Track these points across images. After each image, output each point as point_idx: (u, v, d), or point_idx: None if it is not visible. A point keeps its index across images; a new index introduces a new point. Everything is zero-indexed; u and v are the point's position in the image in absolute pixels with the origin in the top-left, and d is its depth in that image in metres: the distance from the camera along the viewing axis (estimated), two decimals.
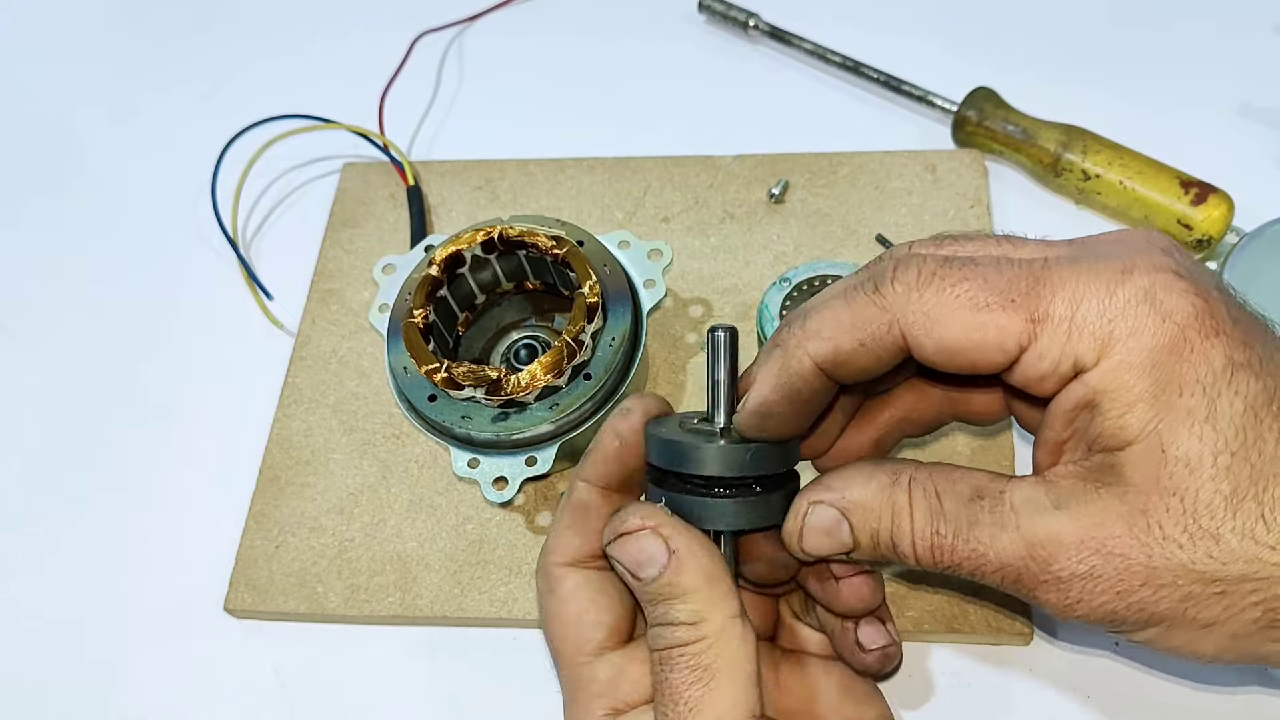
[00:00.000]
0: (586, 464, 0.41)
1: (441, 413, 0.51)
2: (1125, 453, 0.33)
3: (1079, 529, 0.33)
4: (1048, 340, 0.34)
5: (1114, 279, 0.33)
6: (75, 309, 0.69)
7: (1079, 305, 0.33)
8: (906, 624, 0.50)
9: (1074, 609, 0.34)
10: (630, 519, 0.37)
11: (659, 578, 0.36)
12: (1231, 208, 0.59)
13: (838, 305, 0.36)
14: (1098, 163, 0.62)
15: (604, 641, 0.39)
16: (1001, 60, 0.72)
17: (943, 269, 0.35)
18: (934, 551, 0.36)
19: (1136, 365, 0.33)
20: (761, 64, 0.75)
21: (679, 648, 0.36)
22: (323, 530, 0.56)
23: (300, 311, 0.64)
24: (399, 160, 0.68)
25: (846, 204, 0.64)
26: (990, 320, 0.34)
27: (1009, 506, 0.35)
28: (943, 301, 0.34)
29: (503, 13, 0.80)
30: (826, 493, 0.38)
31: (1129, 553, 0.33)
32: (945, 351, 0.35)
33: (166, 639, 0.56)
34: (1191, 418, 0.32)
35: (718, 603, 0.36)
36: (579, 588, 0.40)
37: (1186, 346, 0.33)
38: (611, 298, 0.53)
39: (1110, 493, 0.33)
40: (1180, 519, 0.32)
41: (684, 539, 0.37)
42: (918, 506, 0.36)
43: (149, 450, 0.62)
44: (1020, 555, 0.34)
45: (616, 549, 0.37)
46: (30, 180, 0.76)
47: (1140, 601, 0.33)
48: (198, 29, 0.83)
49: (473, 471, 0.51)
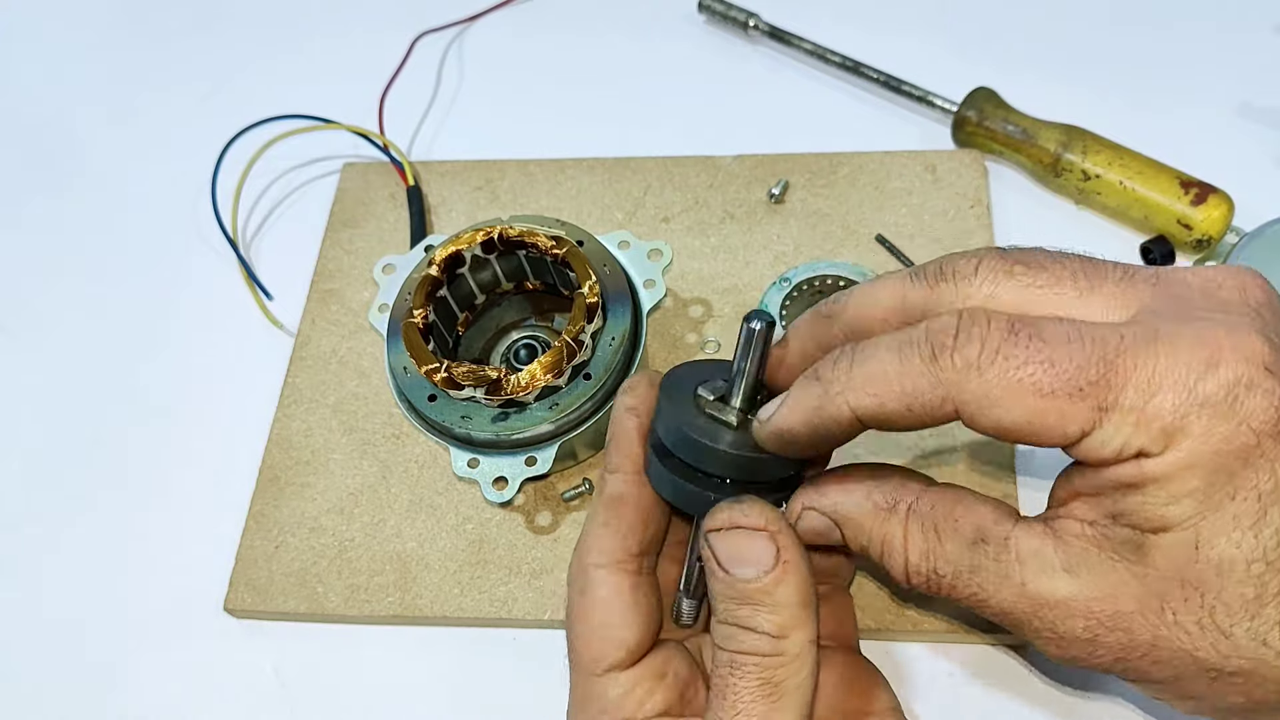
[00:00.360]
0: (611, 453, 0.40)
1: (441, 413, 0.51)
2: (1157, 537, 0.32)
3: (1088, 599, 0.33)
4: (1113, 430, 0.32)
5: (1196, 370, 0.31)
6: (75, 309, 0.69)
7: (1153, 397, 0.31)
8: (906, 624, 0.50)
9: (1071, 662, 0.35)
10: (752, 515, 0.35)
11: (753, 581, 0.35)
12: (1231, 208, 0.59)
13: (889, 361, 0.34)
14: (1098, 163, 0.62)
15: (621, 660, 0.38)
16: (1001, 60, 0.72)
17: (1007, 345, 0.32)
18: (929, 584, 0.36)
19: (1200, 466, 0.31)
20: (761, 64, 0.75)
21: (755, 656, 0.35)
22: (323, 530, 0.56)
23: (300, 311, 0.64)
24: (399, 160, 0.68)
25: (846, 204, 0.64)
26: (1054, 408, 0.32)
27: (1014, 557, 0.34)
28: (1005, 384, 0.32)
29: (503, 13, 0.80)
30: (821, 499, 0.37)
31: (1135, 630, 0.32)
32: (1001, 431, 0.33)
33: (166, 639, 0.56)
34: (1237, 524, 0.31)
35: (803, 624, 0.35)
36: (612, 597, 0.39)
37: (1257, 453, 0.31)
38: (611, 298, 0.53)
39: (1128, 569, 0.32)
40: (1196, 613, 0.32)
41: (797, 552, 0.35)
42: (913, 541, 0.36)
43: (149, 450, 0.62)
44: (1024, 610, 0.34)
45: (721, 540, 0.36)
46: (30, 180, 0.76)
47: (1136, 668, 0.33)
48: (198, 29, 0.83)
49: (473, 471, 0.51)
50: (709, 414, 0.38)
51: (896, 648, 0.51)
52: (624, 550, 0.39)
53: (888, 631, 0.51)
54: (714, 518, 0.36)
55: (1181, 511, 0.32)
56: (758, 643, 0.35)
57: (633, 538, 0.39)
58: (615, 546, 0.39)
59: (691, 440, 0.37)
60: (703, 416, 0.38)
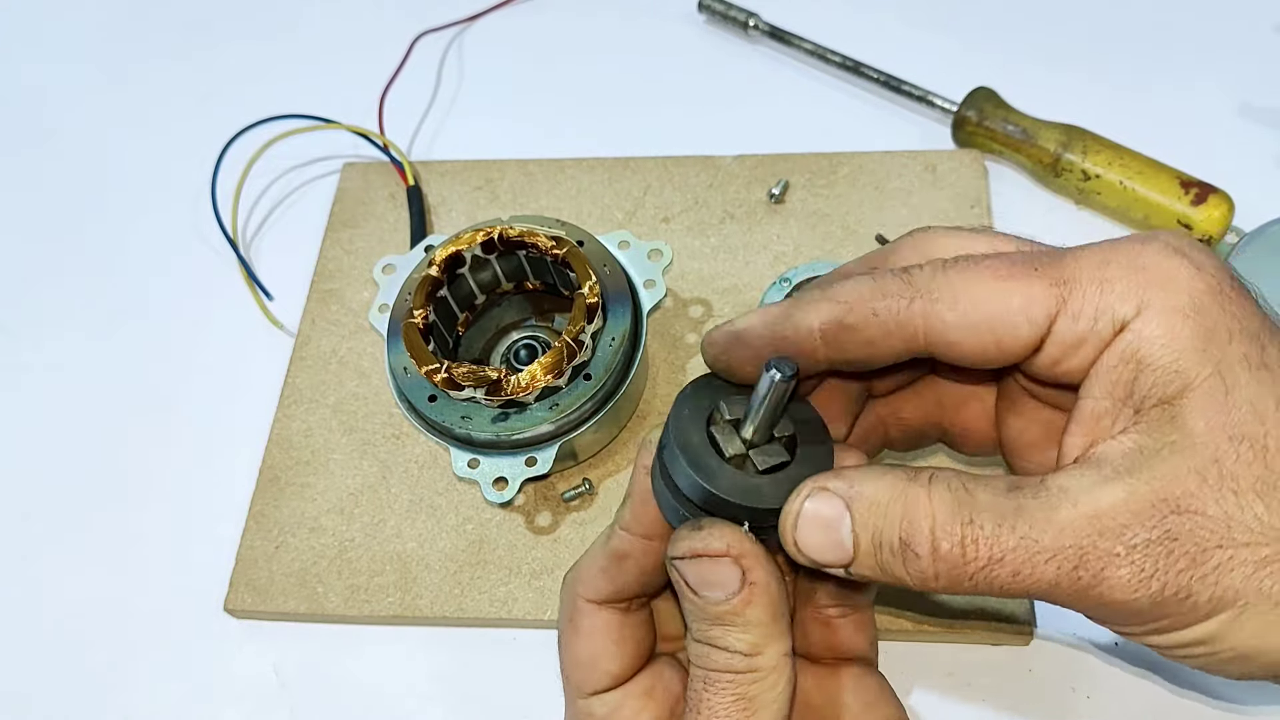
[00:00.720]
0: (625, 509, 0.39)
1: (441, 413, 0.51)
2: (1185, 400, 0.31)
3: (1150, 491, 0.30)
4: (1079, 300, 0.32)
5: (1135, 243, 0.32)
6: (75, 309, 0.69)
7: (1107, 265, 0.32)
8: (906, 624, 0.50)
9: (1147, 585, 0.30)
10: (713, 541, 0.34)
11: (723, 603, 0.34)
12: (1231, 208, 0.59)
13: (863, 279, 0.34)
14: (1098, 163, 0.62)
15: (607, 685, 0.39)
16: (1001, 60, 0.72)
17: (966, 256, 0.34)
18: (965, 547, 0.31)
19: (1181, 310, 0.31)
20: (761, 64, 0.75)
21: (729, 673, 0.34)
22: (323, 530, 0.56)
23: (300, 311, 0.64)
24: (399, 160, 0.68)
25: (846, 204, 0.64)
26: (1015, 288, 0.32)
27: (1056, 490, 0.31)
28: (965, 276, 0.33)
29: (503, 13, 0.80)
30: (834, 479, 0.34)
31: (1204, 508, 0.30)
32: (970, 326, 0.32)
33: (167, 639, 0.56)
34: (1248, 361, 0.30)
35: (775, 639, 0.35)
36: (598, 630, 0.39)
37: (1224, 297, 0.31)
38: (611, 298, 0.53)
39: (1175, 449, 0.30)
40: (1252, 466, 0.30)
41: (763, 572, 0.34)
42: (940, 499, 0.32)
43: (149, 450, 0.62)
44: (1084, 531, 0.30)
45: (687, 566, 0.35)
46: (30, 179, 0.76)
47: (1216, 570, 0.30)
48: (198, 29, 0.83)
49: (473, 472, 0.51)
50: (713, 435, 0.36)
51: (896, 648, 0.51)
52: (617, 594, 0.39)
53: (887, 631, 0.51)
54: (675, 545, 0.35)
55: (1194, 363, 0.31)
56: (730, 660, 0.34)
57: (628, 591, 0.39)
58: (609, 592, 0.39)
59: (681, 468, 0.36)
60: (706, 437, 0.36)
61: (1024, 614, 0.50)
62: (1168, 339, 0.31)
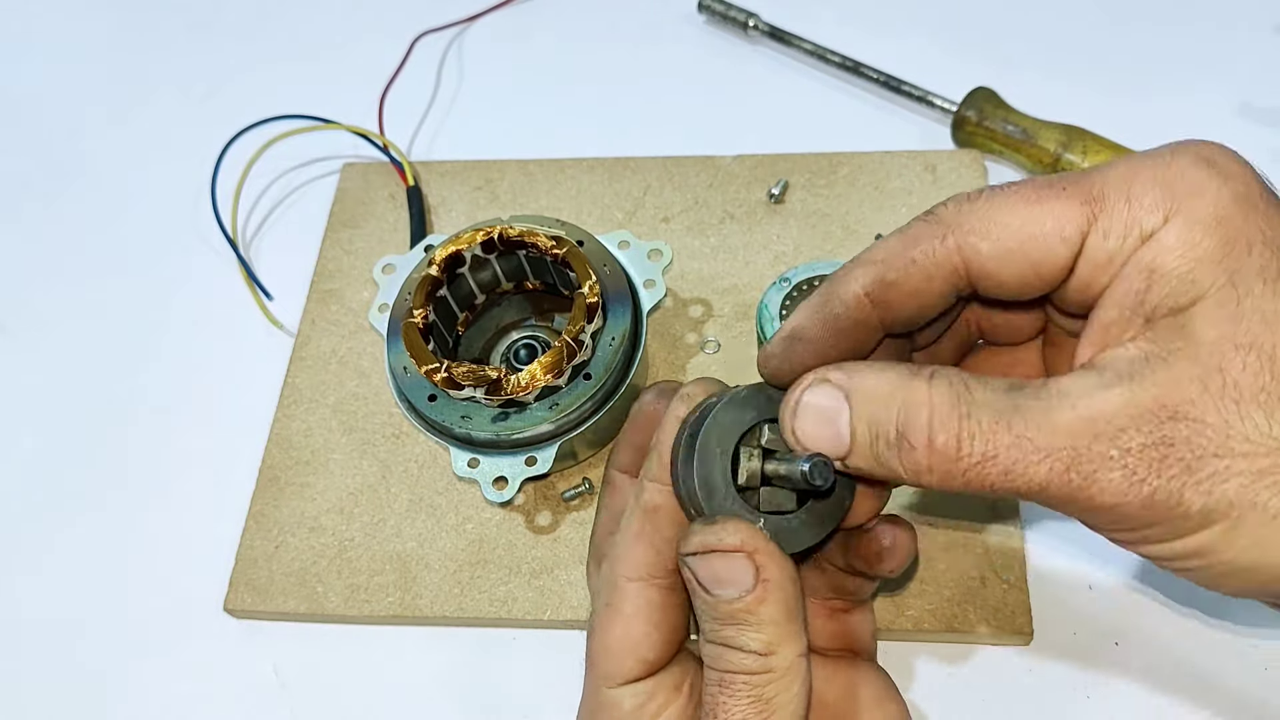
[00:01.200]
0: (653, 460, 0.38)
1: (441, 413, 0.51)
2: (1195, 309, 0.30)
3: (1149, 396, 0.30)
4: (1108, 217, 0.31)
5: (1167, 152, 0.32)
6: (75, 309, 0.69)
7: (1135, 178, 0.32)
8: (906, 624, 0.50)
9: (1137, 490, 0.30)
10: (727, 537, 0.34)
11: (736, 601, 0.34)
12: None
13: (893, 236, 0.35)
14: (1098, 163, 0.62)
15: (640, 674, 0.38)
16: (1001, 60, 0.72)
17: (992, 187, 0.33)
18: (960, 442, 0.31)
19: (1203, 220, 0.30)
20: (761, 64, 0.75)
21: (744, 675, 0.34)
22: (323, 530, 0.56)
23: (300, 311, 0.64)
24: (399, 160, 0.68)
25: (846, 204, 0.64)
26: (1046, 210, 0.32)
27: (1056, 392, 0.31)
28: (994, 203, 0.33)
29: (503, 13, 0.80)
30: (835, 371, 0.34)
31: (1204, 415, 0.29)
32: (1005, 254, 0.32)
33: (166, 639, 0.56)
34: (1265, 273, 0.30)
35: (790, 639, 0.34)
36: (641, 611, 0.37)
37: (1251, 206, 0.31)
38: (611, 298, 0.53)
39: (1179, 357, 0.30)
40: (1257, 376, 0.29)
41: (777, 569, 0.34)
42: (939, 393, 0.32)
43: (149, 450, 0.62)
44: (1079, 433, 0.30)
45: (700, 563, 0.35)
46: (30, 180, 0.76)
47: (1210, 478, 0.29)
48: (198, 29, 0.83)
49: (473, 471, 0.51)
50: (738, 454, 0.36)
51: (897, 647, 0.51)
52: (658, 564, 0.38)
53: (888, 631, 0.51)
54: (688, 541, 0.35)
55: (1208, 272, 0.30)
56: (745, 661, 0.34)
57: (668, 550, 0.38)
58: (650, 560, 0.38)
59: (690, 473, 0.36)
60: (732, 452, 0.36)
61: (1024, 613, 0.50)
62: (1185, 248, 0.31)
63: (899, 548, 0.39)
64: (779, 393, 0.36)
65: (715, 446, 0.35)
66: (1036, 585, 0.51)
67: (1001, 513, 0.53)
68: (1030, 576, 0.51)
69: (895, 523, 0.39)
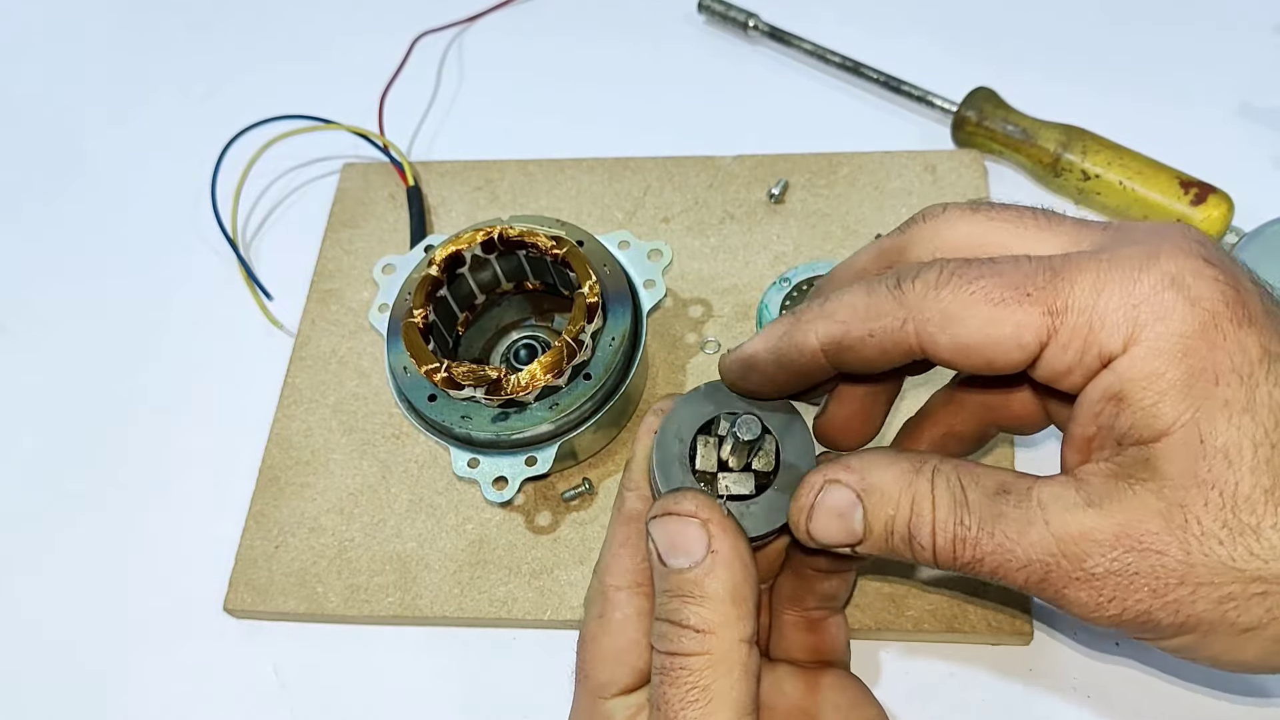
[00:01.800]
0: (632, 469, 0.40)
1: (441, 413, 0.51)
2: (1160, 445, 0.31)
3: (1114, 525, 0.32)
4: (1069, 332, 0.32)
5: (1138, 265, 0.32)
6: (75, 309, 0.69)
7: (1100, 293, 0.32)
8: (907, 624, 0.50)
9: (1105, 609, 0.32)
10: (684, 502, 0.35)
11: (686, 571, 0.35)
12: (1231, 208, 0.59)
13: (858, 292, 0.35)
14: (1097, 163, 0.62)
15: (632, 685, 0.38)
16: (1001, 60, 0.72)
17: (962, 269, 0.33)
18: (955, 545, 0.33)
19: (1167, 351, 0.31)
20: (761, 64, 0.75)
21: (682, 658, 0.34)
22: (322, 530, 0.56)
23: (300, 311, 0.64)
24: (399, 161, 0.68)
25: (846, 204, 0.64)
26: (1006, 315, 0.32)
27: (1036, 502, 0.33)
28: (958, 299, 0.33)
29: (503, 13, 0.80)
30: (845, 472, 0.35)
31: (1166, 549, 0.31)
32: (961, 349, 0.33)
33: (166, 639, 0.56)
34: (1229, 408, 0.31)
35: (732, 622, 0.34)
36: (629, 620, 0.38)
37: (1219, 334, 0.31)
38: (611, 297, 0.53)
39: (1145, 489, 0.32)
40: (1219, 513, 0.31)
41: (728, 543, 0.35)
42: (940, 496, 0.34)
43: (149, 450, 0.62)
44: (1050, 551, 0.32)
45: (657, 526, 0.36)
46: (30, 180, 0.76)
47: (1176, 602, 0.31)
48: (198, 29, 0.83)
49: (473, 471, 0.51)
50: (696, 445, 0.38)
51: (897, 647, 0.51)
52: (644, 571, 0.38)
53: (888, 631, 0.51)
54: (654, 505, 0.36)
55: (1173, 408, 0.31)
56: (684, 639, 0.34)
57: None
58: (635, 567, 0.39)
59: (653, 464, 0.38)
60: (690, 443, 0.38)
61: (1024, 613, 0.50)
62: (1148, 381, 0.31)
63: None
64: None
65: (673, 438, 0.38)
66: None
67: None
68: None
69: None
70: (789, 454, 0.38)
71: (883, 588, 0.51)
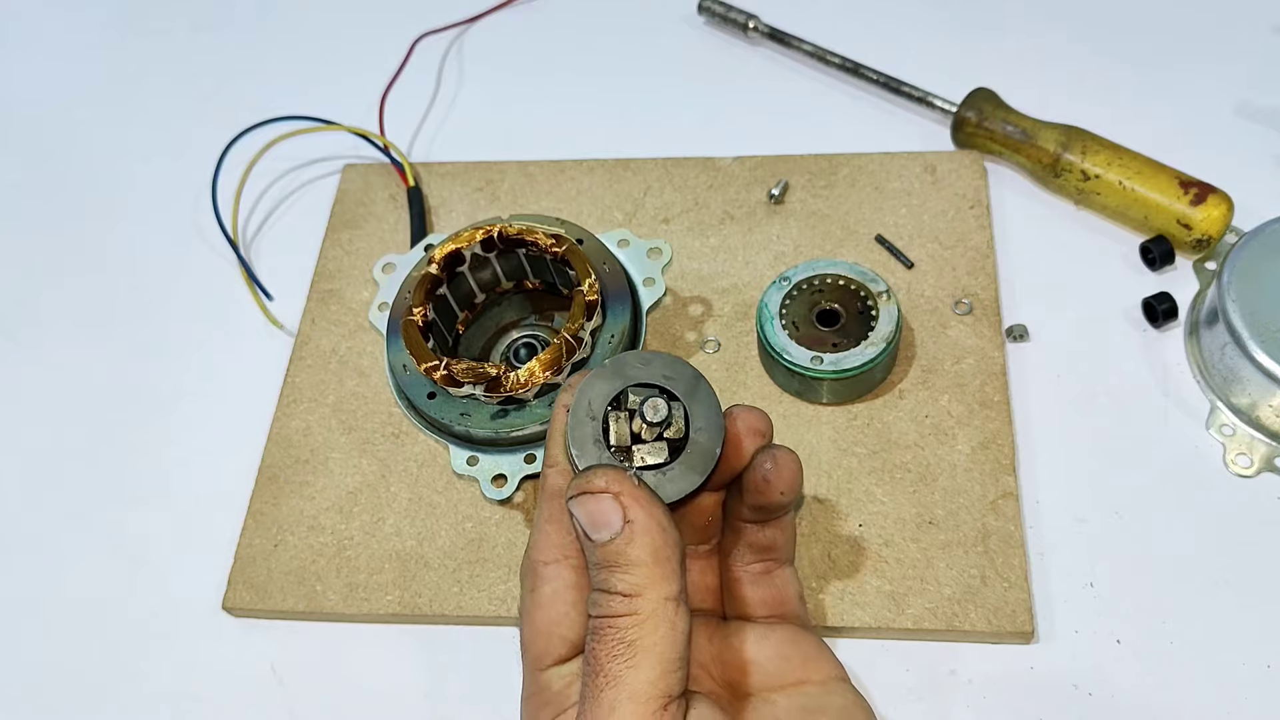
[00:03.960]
0: (550, 448, 0.41)
1: (441, 410, 0.51)
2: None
3: None
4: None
5: None
6: (75, 309, 0.69)
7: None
8: (907, 623, 0.50)
9: None
10: (595, 480, 0.37)
11: (609, 544, 0.36)
12: (1231, 208, 0.59)
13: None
14: (1097, 163, 0.62)
15: (566, 655, 0.40)
16: (1001, 60, 0.72)
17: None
18: None
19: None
20: (761, 65, 0.75)
21: (611, 619, 0.36)
22: (322, 529, 0.56)
23: (300, 311, 0.64)
24: (399, 161, 0.68)
25: (846, 205, 0.64)
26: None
27: None
28: None
29: (503, 13, 0.80)
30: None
31: None
32: None
33: (165, 638, 0.56)
34: None
35: (657, 582, 0.36)
36: (558, 593, 0.40)
37: None
38: (611, 295, 0.53)
39: None
40: None
41: (642, 511, 0.36)
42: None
43: (149, 450, 0.62)
44: None
45: (576, 505, 0.37)
46: (31, 180, 0.76)
47: None
48: (198, 30, 0.84)
49: (472, 469, 0.51)
50: (608, 419, 0.39)
51: (897, 646, 0.51)
52: (570, 544, 0.40)
53: (888, 630, 0.51)
54: (570, 487, 0.38)
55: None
56: (613, 604, 0.36)
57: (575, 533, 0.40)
58: (560, 541, 0.40)
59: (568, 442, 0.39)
60: (603, 418, 0.39)
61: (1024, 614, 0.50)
62: None
63: (782, 468, 0.41)
64: (640, 362, 0.40)
65: (586, 414, 0.39)
66: (1036, 585, 0.51)
67: (1002, 512, 0.53)
68: (1030, 576, 0.51)
69: (773, 448, 0.41)
70: (698, 419, 0.40)
71: (883, 587, 0.51)
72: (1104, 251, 0.62)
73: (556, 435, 0.41)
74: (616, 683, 0.35)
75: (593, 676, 0.35)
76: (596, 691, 0.35)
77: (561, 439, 0.40)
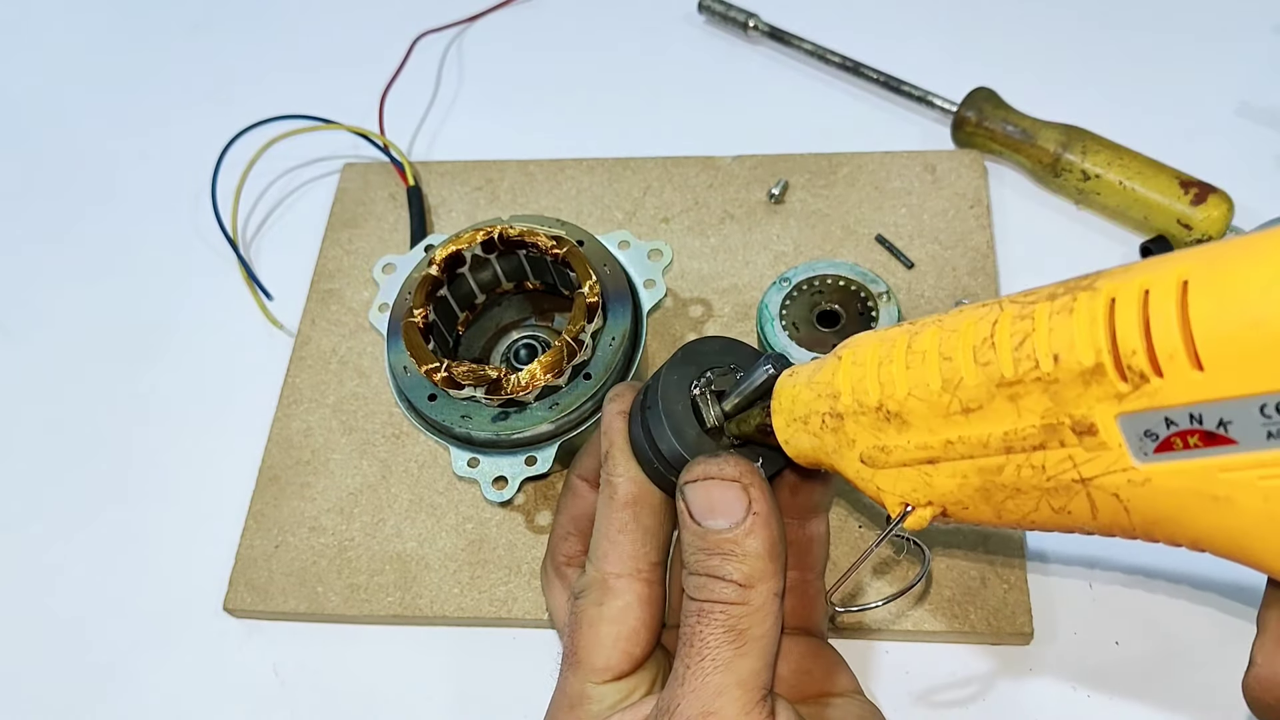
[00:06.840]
0: (614, 457, 0.40)
1: (441, 412, 0.51)
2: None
3: None
4: None
5: None
6: (75, 309, 0.69)
7: None
8: (906, 623, 0.50)
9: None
10: (728, 468, 0.36)
11: (724, 531, 0.35)
12: (1231, 208, 0.59)
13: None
14: (1097, 163, 0.62)
15: (627, 670, 0.39)
16: (1001, 60, 0.72)
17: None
18: None
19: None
20: (761, 64, 0.75)
21: (722, 604, 0.35)
22: (322, 530, 0.56)
23: (300, 311, 0.64)
24: (399, 160, 0.68)
25: (846, 204, 0.64)
26: None
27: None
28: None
29: (503, 13, 0.80)
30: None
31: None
32: None
33: (166, 639, 0.56)
34: None
35: (769, 577, 0.36)
36: (631, 608, 0.39)
37: None
38: (611, 297, 0.53)
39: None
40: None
41: (766, 505, 0.36)
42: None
43: (149, 450, 0.62)
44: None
45: (694, 490, 0.36)
46: (30, 180, 0.76)
47: None
48: (198, 29, 0.84)
49: (473, 471, 0.51)
50: (696, 403, 0.39)
51: (897, 647, 0.51)
52: (644, 557, 0.39)
53: (888, 631, 0.51)
54: (690, 470, 0.37)
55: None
56: (725, 590, 0.35)
57: (651, 543, 0.39)
58: (635, 553, 0.39)
59: (664, 433, 0.38)
60: (689, 403, 0.39)
61: (1024, 614, 0.50)
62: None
63: None
64: (710, 348, 0.40)
65: (675, 405, 0.38)
66: (1036, 585, 0.51)
67: None
68: (1030, 576, 0.51)
69: None
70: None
71: (883, 588, 0.51)
72: (1104, 251, 0.62)
73: (619, 444, 0.40)
74: (726, 668, 0.35)
75: (698, 659, 0.35)
76: (702, 674, 0.35)
77: (626, 447, 0.39)
